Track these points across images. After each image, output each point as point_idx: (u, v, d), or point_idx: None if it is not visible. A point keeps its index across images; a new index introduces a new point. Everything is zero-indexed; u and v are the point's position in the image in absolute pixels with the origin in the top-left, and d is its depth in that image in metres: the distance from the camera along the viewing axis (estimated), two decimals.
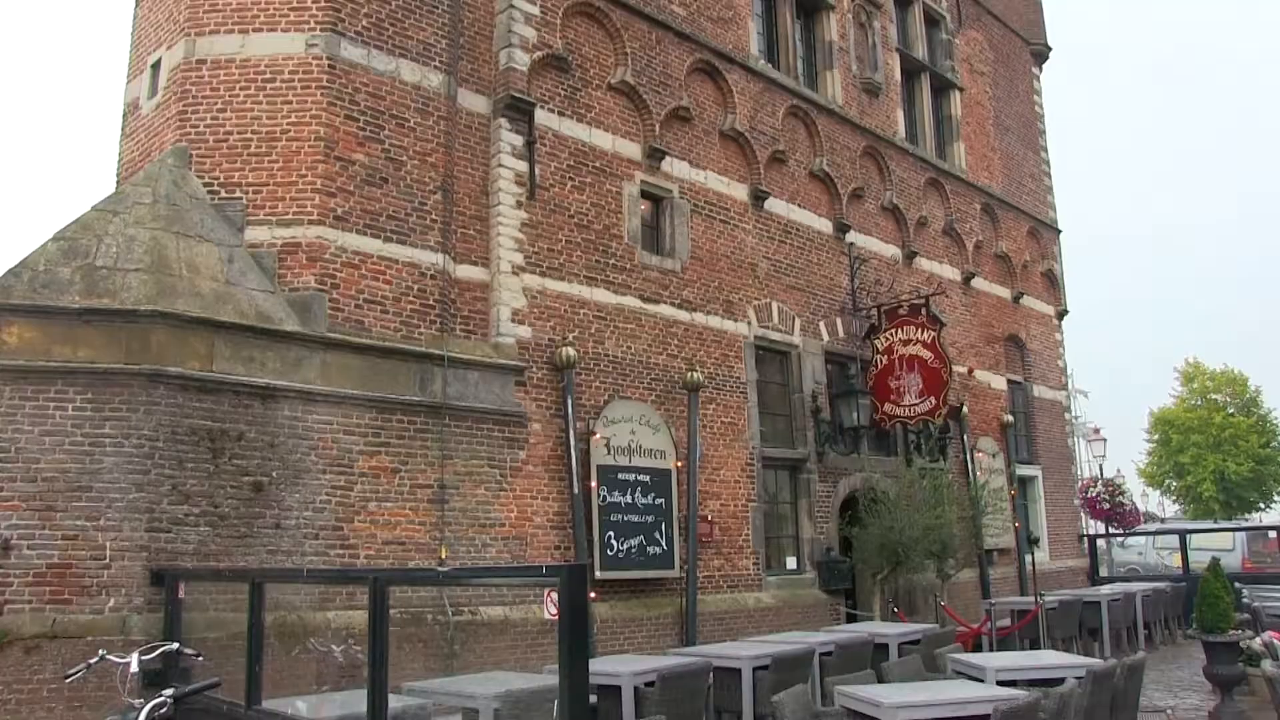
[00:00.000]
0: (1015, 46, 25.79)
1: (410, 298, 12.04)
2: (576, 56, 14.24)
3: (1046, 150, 26.29)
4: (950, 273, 21.19)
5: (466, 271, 12.71)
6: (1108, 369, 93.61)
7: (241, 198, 11.48)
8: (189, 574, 9.45)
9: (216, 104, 11.79)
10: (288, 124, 11.70)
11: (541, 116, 13.58)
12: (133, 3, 13.63)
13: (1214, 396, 49.72)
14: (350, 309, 11.51)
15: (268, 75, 11.87)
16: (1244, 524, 39.74)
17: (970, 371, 21.06)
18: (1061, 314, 25.33)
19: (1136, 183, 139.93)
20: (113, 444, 9.61)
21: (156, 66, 12.61)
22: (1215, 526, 33.34)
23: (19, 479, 9.38)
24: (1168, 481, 50.83)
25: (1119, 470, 39.81)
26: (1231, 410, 48.71)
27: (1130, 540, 30.61)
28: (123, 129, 13.09)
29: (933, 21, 22.51)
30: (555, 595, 4.55)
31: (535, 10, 13.66)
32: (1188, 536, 23.46)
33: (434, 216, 12.45)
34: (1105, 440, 34.62)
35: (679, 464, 14.23)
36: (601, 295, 13.92)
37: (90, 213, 10.77)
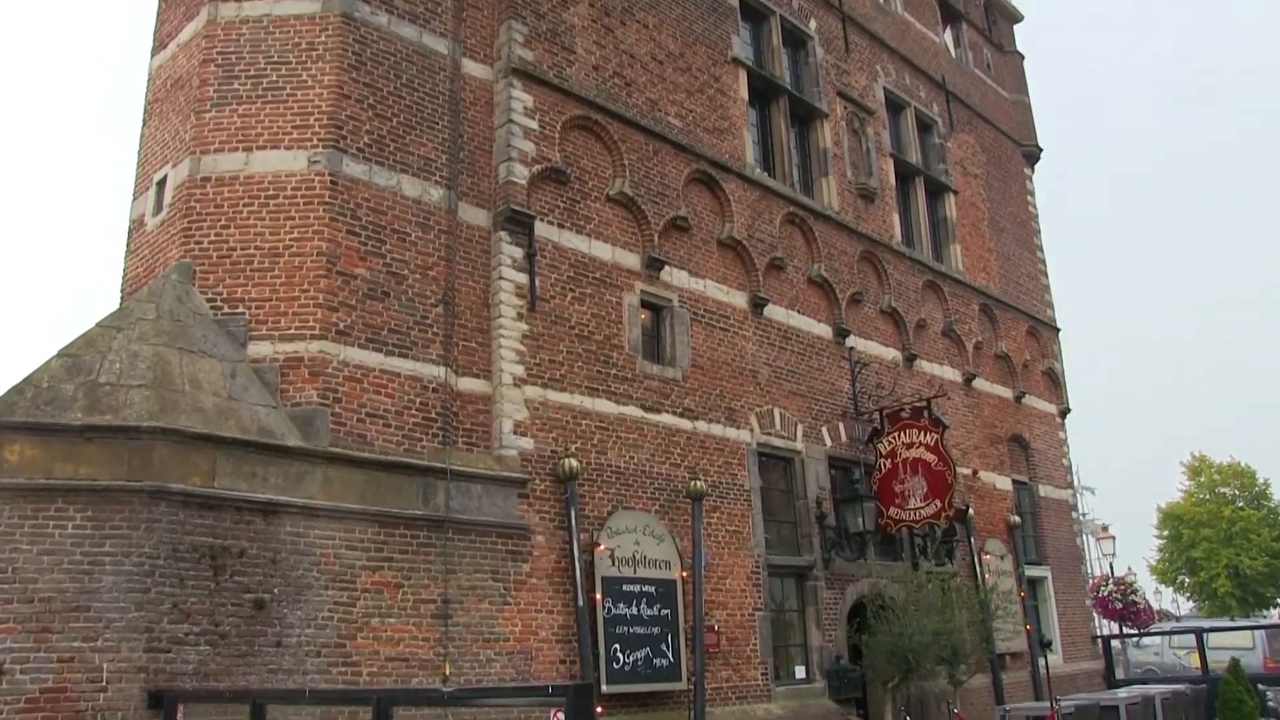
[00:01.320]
0: (1007, 149, 26.20)
1: (412, 411, 12.04)
2: (575, 169, 14.46)
3: (1042, 249, 26.55)
4: (951, 374, 21.23)
5: (468, 384, 12.73)
6: (1113, 464, 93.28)
7: (244, 313, 11.56)
8: (188, 695, 9.30)
9: (220, 220, 11.95)
10: (290, 239, 11.84)
11: (541, 229, 13.74)
12: (140, 122, 13.88)
13: (1223, 490, 49.43)
14: (352, 423, 11.51)
15: (271, 191, 12.05)
16: (1263, 621, 39.07)
17: (974, 473, 20.96)
18: (1064, 412, 25.30)
19: (1134, 272, 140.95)
20: (112, 562, 9.53)
21: (162, 184, 12.81)
22: (1233, 625, 32.68)
23: (15, 600, 9.28)
24: (1180, 578, 50.29)
25: (1130, 568, 39.21)
26: (1241, 504, 48.39)
27: (1145, 640, 30.06)
28: (128, 245, 13.25)
29: (925, 127, 22.90)
30: (562, 716, 4.49)
31: (534, 125, 13.91)
32: (1205, 635, 22.95)
33: (436, 329, 12.52)
34: (1114, 538, 34.24)
35: (684, 574, 14.09)
36: (603, 405, 13.93)
37: (94, 329, 10.85)
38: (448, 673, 11.25)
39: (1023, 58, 28.22)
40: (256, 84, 12.52)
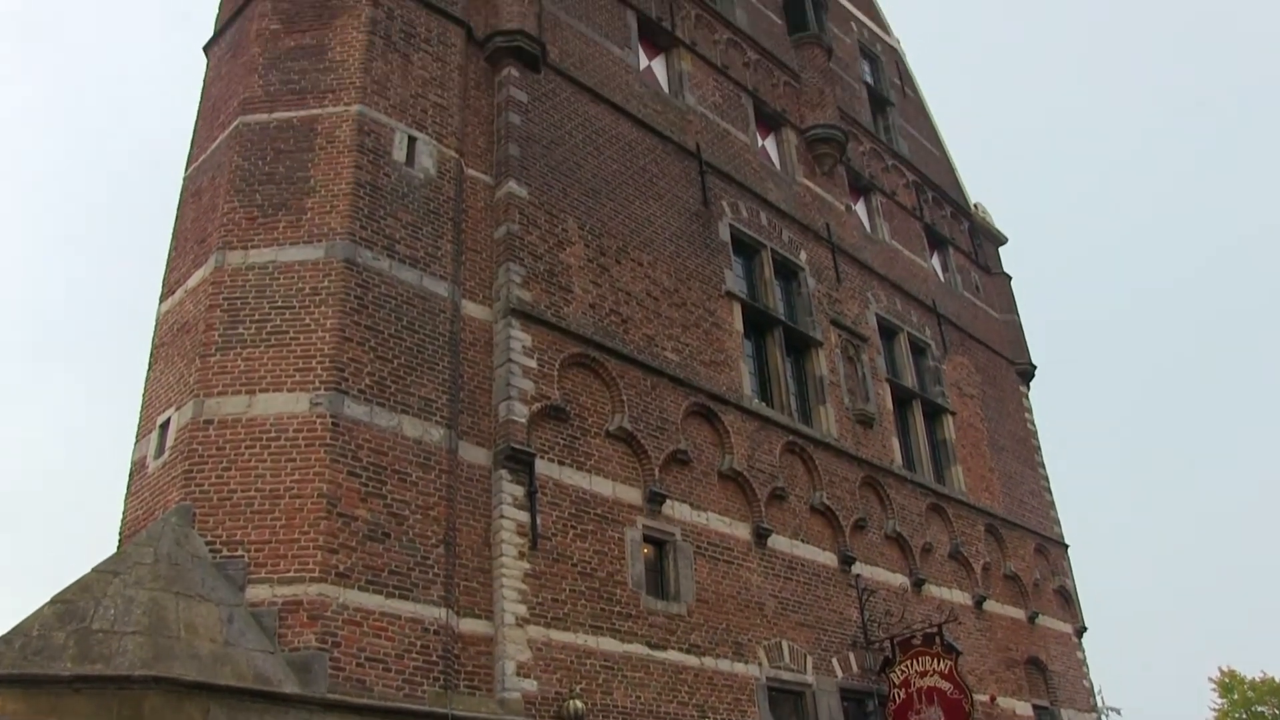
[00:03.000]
0: (1001, 368, 26.56)
1: (413, 654, 11.77)
2: (574, 406, 14.61)
3: (1044, 465, 26.53)
4: (961, 597, 20.87)
5: (470, 625, 12.50)
6: (1138, 682, 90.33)
7: (244, 555, 11.46)
8: None
9: (221, 463, 11.97)
10: (291, 481, 11.84)
11: (542, 466, 13.77)
12: (145, 366, 14.09)
13: (1259, 709, 47.61)
14: (351, 667, 11.24)
15: (272, 434, 12.13)
16: None
17: (992, 699, 20.32)
18: (1080, 631, 24.73)
19: (1144, 484, 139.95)
20: None
21: (165, 426, 12.89)
22: None
23: None
24: None
25: None
26: None
27: None
28: (128, 488, 13.22)
29: (918, 350, 23.28)
30: None
31: (533, 364, 14.14)
32: None
33: (437, 570, 12.37)
34: None
35: None
36: (608, 644, 13.63)
37: (90, 574, 10.73)
38: None
39: (1010, 278, 28.96)
40: (261, 328, 12.77)
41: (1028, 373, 27.57)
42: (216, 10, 17.06)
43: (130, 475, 13.33)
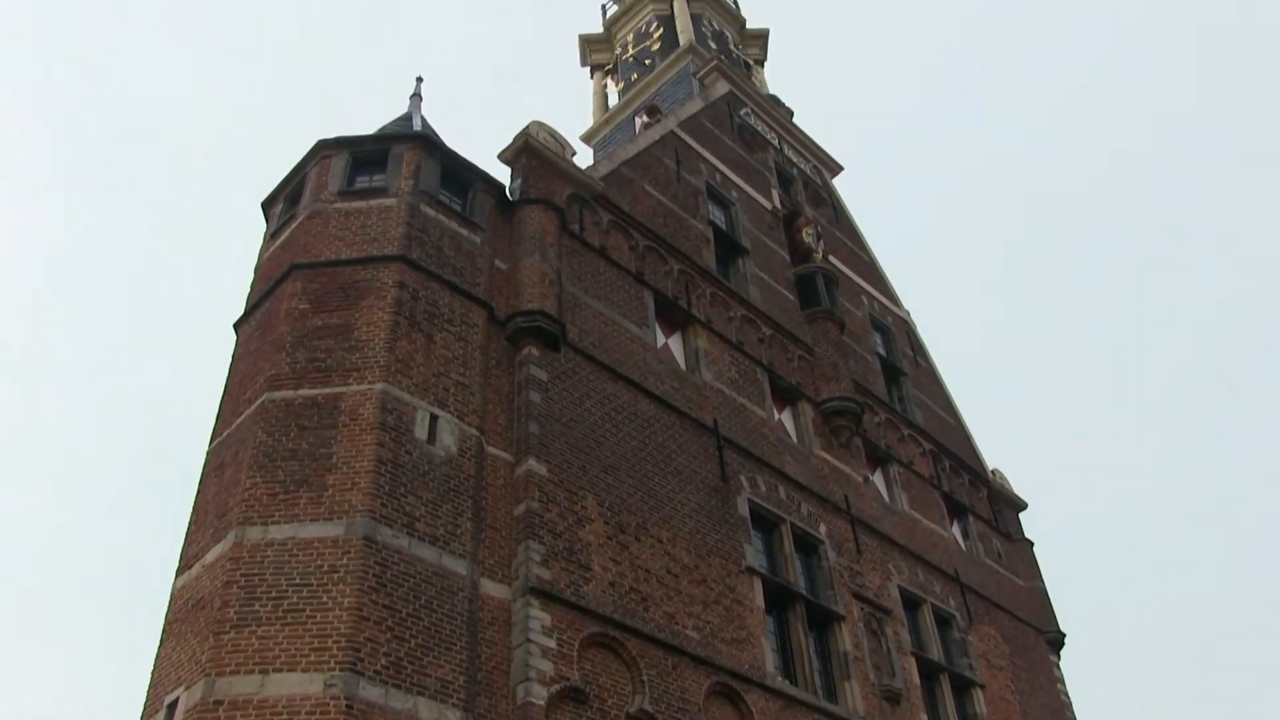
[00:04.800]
0: (1029, 637, 25.92)
1: None
2: (594, 687, 14.26)
3: None
4: None
5: None
6: None
7: None
8: None
9: None
10: None
11: None
12: (157, 641, 13.90)
13: None
14: None
15: (285, 716, 11.86)
16: None
17: None
18: None
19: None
20: None
21: (173, 706, 12.58)
22: None
23: None
24: None
25: None
26: None
27: None
28: None
29: (943, 621, 22.82)
30: None
31: (552, 644, 13.91)
32: None
33: None
34: None
35: None
36: None
37: None
38: None
39: (1032, 544, 28.67)
40: (277, 605, 12.67)
41: (1057, 641, 26.87)
42: (249, 290, 17.79)
43: None
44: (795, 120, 31.32)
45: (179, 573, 14.35)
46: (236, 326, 17.19)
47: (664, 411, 18.56)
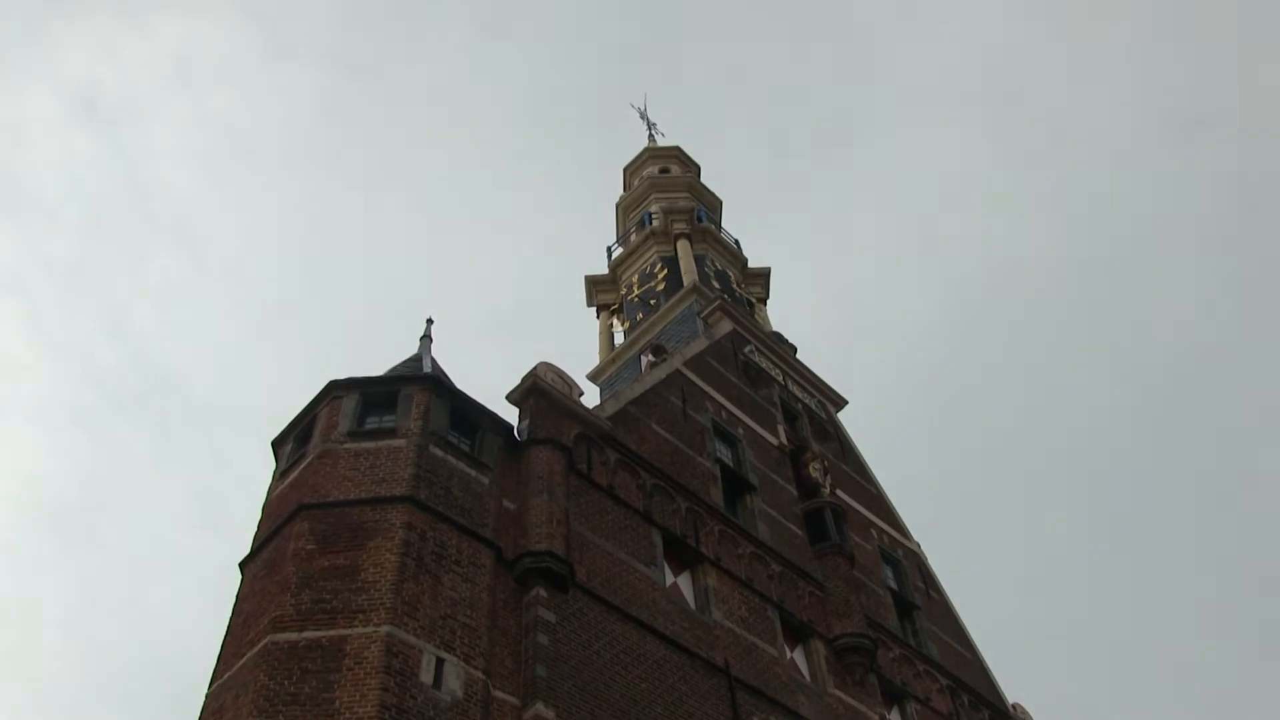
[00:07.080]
0: None
1: None
2: None
3: None
4: None
5: None
6: None
7: None
8: None
9: None
10: None
11: None
12: None
13: None
14: None
15: None
16: None
17: None
18: None
19: None
20: None
21: None
22: None
23: None
24: None
25: None
26: None
27: None
28: None
29: None
30: None
31: None
32: None
33: None
34: None
35: None
36: None
37: None
38: None
39: None
40: None
41: None
42: (255, 529, 17.77)
43: None
44: (799, 356, 31.93)
45: None
46: (242, 566, 17.10)
47: (674, 652, 18.21)
